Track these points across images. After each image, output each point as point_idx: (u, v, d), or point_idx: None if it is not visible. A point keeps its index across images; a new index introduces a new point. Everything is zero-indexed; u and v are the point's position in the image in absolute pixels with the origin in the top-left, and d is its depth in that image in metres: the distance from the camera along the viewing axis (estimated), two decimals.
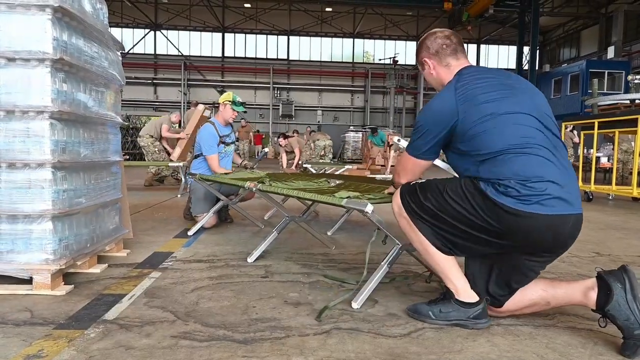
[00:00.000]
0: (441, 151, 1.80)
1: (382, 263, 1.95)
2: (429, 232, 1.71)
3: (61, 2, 1.89)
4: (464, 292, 1.70)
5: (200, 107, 6.90)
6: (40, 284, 1.95)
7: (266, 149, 6.49)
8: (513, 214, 1.51)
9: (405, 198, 1.75)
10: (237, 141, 7.93)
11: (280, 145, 9.61)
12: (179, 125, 8.23)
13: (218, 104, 4.04)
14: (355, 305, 1.87)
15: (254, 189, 2.59)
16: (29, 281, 1.99)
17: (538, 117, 1.63)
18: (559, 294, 1.65)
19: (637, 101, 7.91)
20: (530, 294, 1.69)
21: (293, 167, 9.16)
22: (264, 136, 24.97)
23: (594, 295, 1.56)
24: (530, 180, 1.51)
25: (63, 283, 2.06)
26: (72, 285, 2.06)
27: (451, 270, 1.71)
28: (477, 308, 1.68)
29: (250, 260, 2.62)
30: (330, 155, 12.04)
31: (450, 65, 1.79)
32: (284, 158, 9.69)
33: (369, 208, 1.79)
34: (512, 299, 1.70)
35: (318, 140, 11.86)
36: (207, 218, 3.50)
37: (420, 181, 1.79)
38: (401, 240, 1.96)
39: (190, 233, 3.37)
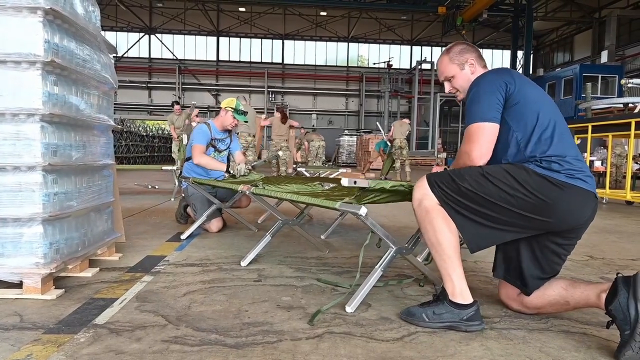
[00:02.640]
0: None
1: (376, 267, 1.94)
2: (462, 221, 1.71)
3: (53, 4, 1.88)
4: (460, 293, 1.70)
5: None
6: (30, 288, 1.93)
7: (280, 152, 6.33)
8: (558, 185, 1.61)
9: (436, 184, 1.73)
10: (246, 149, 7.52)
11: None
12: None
13: (213, 108, 3.99)
14: (349, 309, 1.86)
15: (247, 192, 2.58)
16: (18, 285, 1.96)
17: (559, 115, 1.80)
18: (576, 293, 1.68)
19: (630, 105, 7.98)
20: (551, 291, 1.74)
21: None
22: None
23: (604, 297, 1.58)
24: (568, 156, 1.65)
25: (53, 287, 2.03)
26: (63, 290, 2.04)
27: (456, 268, 1.71)
28: (471, 310, 1.69)
29: (243, 264, 2.61)
30: (323, 157, 12.00)
31: (486, 67, 1.94)
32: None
33: (363, 211, 1.78)
34: (537, 294, 1.77)
35: (312, 141, 11.83)
36: (199, 222, 3.48)
37: (448, 169, 1.82)
38: (395, 244, 1.96)
39: (183, 237, 3.36)
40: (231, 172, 3.67)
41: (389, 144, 11.18)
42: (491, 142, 1.72)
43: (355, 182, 1.85)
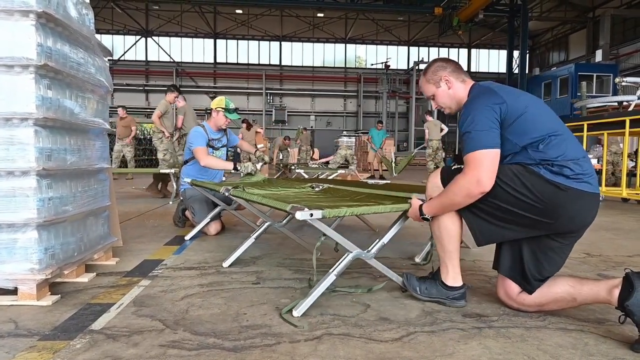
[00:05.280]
0: None
1: (330, 271, 1.92)
2: (472, 218, 1.80)
3: (45, 8, 1.87)
4: (453, 277, 1.92)
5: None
6: (25, 294, 1.91)
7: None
8: (566, 190, 1.64)
9: (447, 183, 1.82)
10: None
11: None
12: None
13: (210, 110, 3.96)
14: (295, 313, 1.81)
15: (226, 193, 2.57)
16: (13, 291, 1.95)
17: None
18: (584, 290, 1.69)
19: (624, 103, 8.01)
20: (558, 288, 1.76)
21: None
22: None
23: (617, 292, 1.59)
24: (579, 159, 1.68)
25: (49, 293, 2.02)
26: (59, 295, 2.02)
27: (453, 260, 1.90)
28: (458, 292, 1.92)
29: (225, 265, 2.61)
30: (355, 161, 11.99)
31: (465, 80, 1.95)
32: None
33: (298, 215, 1.71)
34: (539, 291, 1.79)
35: (340, 149, 11.98)
36: (203, 224, 3.47)
37: (460, 167, 1.84)
38: (353, 248, 1.94)
39: (187, 238, 3.37)
40: (239, 168, 3.68)
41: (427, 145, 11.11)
42: (495, 168, 1.69)
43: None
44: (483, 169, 1.68)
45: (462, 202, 1.76)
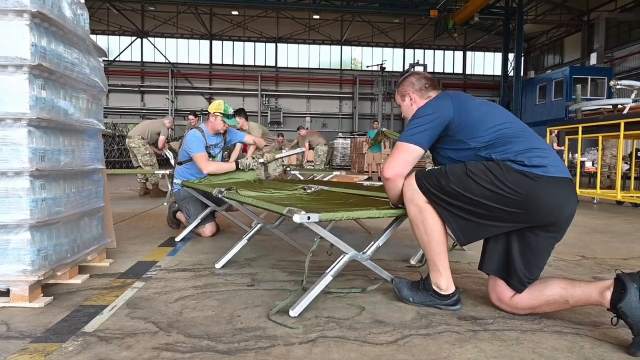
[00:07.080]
0: None
1: (327, 271, 1.92)
2: (450, 217, 1.81)
3: (40, 7, 1.85)
4: (446, 286, 1.91)
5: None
6: (17, 296, 1.89)
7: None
8: (536, 179, 1.68)
9: (423, 183, 1.84)
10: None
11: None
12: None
13: (207, 112, 3.88)
14: (292, 313, 1.81)
15: (220, 195, 2.56)
16: (5, 293, 1.93)
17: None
18: (577, 292, 1.70)
19: (619, 106, 8.06)
20: (550, 291, 1.76)
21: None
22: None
23: (609, 294, 1.59)
24: (544, 149, 1.77)
25: (42, 295, 2.00)
26: (52, 297, 2.01)
27: (443, 264, 1.89)
28: (452, 300, 1.92)
29: (217, 266, 2.60)
30: (324, 161, 11.46)
31: (430, 97, 2.05)
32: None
33: (296, 218, 1.70)
34: (531, 294, 1.79)
35: (318, 145, 11.13)
36: (193, 225, 3.45)
37: (434, 168, 1.89)
38: (349, 250, 1.93)
39: (177, 239, 3.35)
40: (240, 167, 3.63)
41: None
42: (408, 162, 1.87)
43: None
44: (394, 159, 1.88)
45: (385, 184, 1.96)
